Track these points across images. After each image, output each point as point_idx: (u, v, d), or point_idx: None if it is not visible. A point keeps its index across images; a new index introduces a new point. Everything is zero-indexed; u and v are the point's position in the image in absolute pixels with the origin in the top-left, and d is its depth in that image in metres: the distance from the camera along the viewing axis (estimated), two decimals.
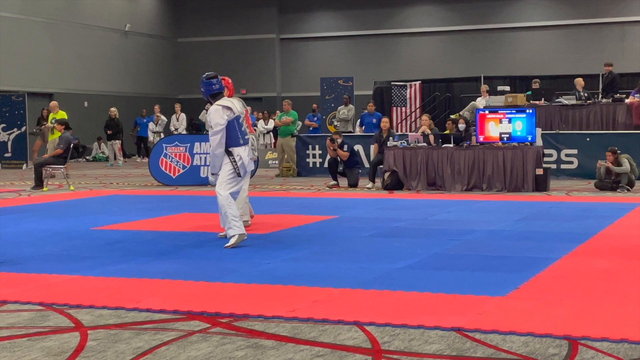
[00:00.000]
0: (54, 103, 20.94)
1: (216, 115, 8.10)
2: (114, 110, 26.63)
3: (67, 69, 30.91)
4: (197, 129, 28.38)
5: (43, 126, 22.14)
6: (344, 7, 34.62)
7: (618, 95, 19.44)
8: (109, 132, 26.18)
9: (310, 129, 22.32)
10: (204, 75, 8.43)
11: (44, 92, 29.47)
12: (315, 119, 22.82)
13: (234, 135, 8.19)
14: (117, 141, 26.18)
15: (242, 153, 8.22)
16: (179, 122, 25.20)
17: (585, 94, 19.35)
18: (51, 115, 20.25)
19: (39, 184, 15.82)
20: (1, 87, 27.31)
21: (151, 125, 25.91)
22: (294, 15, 35.56)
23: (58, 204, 13.08)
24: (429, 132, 15.85)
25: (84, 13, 31.85)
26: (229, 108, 8.18)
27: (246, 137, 8.39)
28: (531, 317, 5.10)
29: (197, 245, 8.34)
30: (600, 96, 19.14)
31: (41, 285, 6.30)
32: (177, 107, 25.72)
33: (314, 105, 25.94)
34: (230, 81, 9.05)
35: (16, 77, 28.62)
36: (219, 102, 8.24)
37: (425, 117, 17.42)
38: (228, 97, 8.63)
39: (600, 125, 18.31)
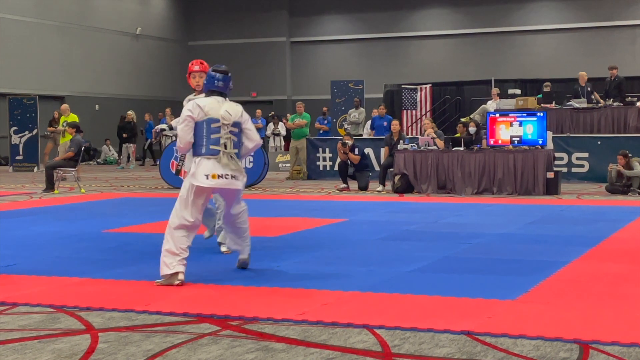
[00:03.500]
0: (65, 106, 21.03)
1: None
2: (131, 113, 26.73)
3: (78, 72, 31.02)
4: None
5: (54, 128, 22.23)
6: (355, 10, 34.63)
7: (630, 98, 19.38)
8: (124, 135, 26.24)
9: (321, 132, 22.35)
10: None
11: (55, 95, 29.59)
12: (326, 122, 22.84)
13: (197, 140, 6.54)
14: (131, 144, 26.26)
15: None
16: None
17: (589, 88, 19.37)
18: (62, 118, 20.33)
19: (50, 186, 15.87)
20: (13, 90, 27.42)
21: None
22: (305, 18, 35.59)
23: (69, 207, 13.12)
24: (435, 136, 15.84)
25: (96, 16, 31.97)
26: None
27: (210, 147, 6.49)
28: (541, 320, 5.09)
29: (207, 248, 8.34)
30: (604, 100, 19.06)
31: (52, 288, 6.31)
32: None
33: (324, 109, 25.95)
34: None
35: (28, 80, 28.74)
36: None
37: (426, 120, 17.40)
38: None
39: (612, 128, 18.26)
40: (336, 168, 17.36)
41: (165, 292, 6.09)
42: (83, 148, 16.24)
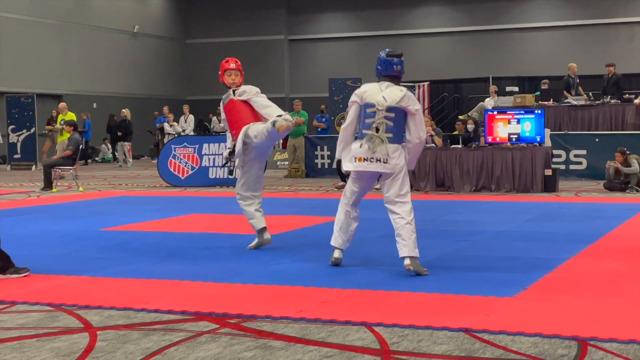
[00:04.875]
0: (62, 104, 21.01)
1: None
2: (124, 111, 26.69)
3: (76, 71, 30.99)
4: (206, 130, 28.39)
5: (52, 127, 22.22)
6: (353, 8, 34.61)
7: (627, 95, 19.41)
8: (119, 133, 26.22)
9: (319, 129, 22.35)
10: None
11: (53, 94, 29.55)
12: (324, 119, 22.84)
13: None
14: (127, 143, 26.23)
15: None
16: (187, 124, 25.23)
17: (577, 80, 19.53)
18: (60, 117, 20.33)
19: (48, 185, 15.86)
20: (10, 88, 27.40)
21: (166, 126, 25.91)
22: (303, 16, 35.57)
23: (67, 205, 13.11)
24: (433, 133, 15.82)
25: (93, 15, 31.93)
26: None
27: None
28: (540, 317, 5.09)
29: (205, 246, 8.34)
30: (602, 97, 19.15)
31: (50, 286, 6.31)
32: (186, 108, 25.74)
33: (322, 106, 25.93)
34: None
35: (25, 79, 28.71)
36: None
37: (425, 119, 17.37)
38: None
39: (609, 125, 18.27)
40: (334, 166, 17.35)
41: (164, 290, 6.09)
42: (81, 146, 16.24)
